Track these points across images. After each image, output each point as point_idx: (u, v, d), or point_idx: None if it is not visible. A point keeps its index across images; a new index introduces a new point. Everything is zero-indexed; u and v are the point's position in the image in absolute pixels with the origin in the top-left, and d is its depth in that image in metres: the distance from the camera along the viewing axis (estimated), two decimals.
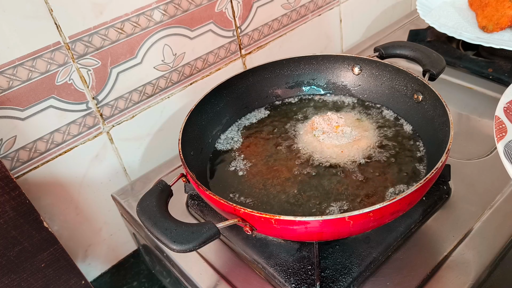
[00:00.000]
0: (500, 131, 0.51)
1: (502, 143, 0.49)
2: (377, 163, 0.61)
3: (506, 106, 0.55)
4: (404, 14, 1.14)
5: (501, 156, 0.48)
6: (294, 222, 0.45)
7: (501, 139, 0.50)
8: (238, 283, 0.54)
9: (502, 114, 0.53)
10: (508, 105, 0.55)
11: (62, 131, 0.64)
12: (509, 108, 0.54)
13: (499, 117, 0.53)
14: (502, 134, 0.51)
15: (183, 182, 0.57)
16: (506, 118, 0.53)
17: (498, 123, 0.52)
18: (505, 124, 0.52)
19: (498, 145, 0.50)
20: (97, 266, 0.77)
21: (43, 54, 0.58)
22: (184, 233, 0.44)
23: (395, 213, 0.48)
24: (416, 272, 0.52)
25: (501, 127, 0.52)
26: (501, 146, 0.49)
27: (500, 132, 0.51)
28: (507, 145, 0.49)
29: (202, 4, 0.73)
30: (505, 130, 0.51)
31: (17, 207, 0.53)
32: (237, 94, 0.73)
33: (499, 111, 0.54)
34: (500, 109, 0.54)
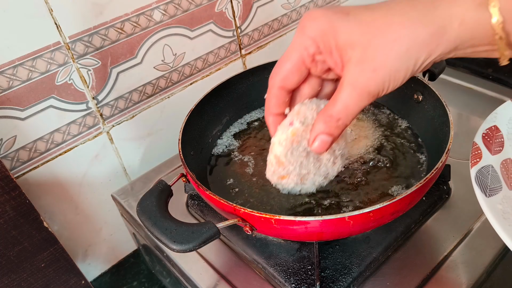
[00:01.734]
0: (475, 157, 0.52)
1: (475, 168, 0.50)
2: (376, 163, 0.61)
3: (485, 132, 0.55)
4: None
5: (472, 181, 0.49)
6: (294, 222, 0.45)
7: (475, 164, 0.50)
8: (238, 283, 0.54)
9: (480, 141, 0.54)
10: (487, 132, 0.55)
11: (62, 131, 0.64)
12: (487, 135, 0.55)
13: (476, 143, 0.53)
14: (476, 160, 0.51)
15: (183, 182, 0.57)
16: (483, 144, 0.53)
17: (474, 149, 0.53)
18: (481, 150, 0.52)
19: (471, 170, 0.50)
20: (97, 266, 0.77)
21: (43, 54, 0.58)
22: (184, 233, 0.44)
23: (395, 213, 0.48)
24: (416, 272, 0.52)
25: (477, 153, 0.52)
26: (474, 171, 0.49)
27: (475, 158, 0.51)
28: (479, 171, 0.50)
29: (202, 4, 0.73)
30: (480, 156, 0.51)
31: (17, 207, 0.53)
32: (237, 94, 0.73)
33: (478, 138, 0.54)
34: (479, 136, 0.54)
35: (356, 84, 0.35)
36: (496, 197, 0.47)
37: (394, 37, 0.33)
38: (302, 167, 0.46)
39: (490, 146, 0.53)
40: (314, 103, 0.43)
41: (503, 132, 0.55)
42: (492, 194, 0.47)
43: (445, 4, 0.32)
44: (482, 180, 0.49)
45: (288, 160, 0.45)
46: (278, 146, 0.45)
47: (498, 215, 0.44)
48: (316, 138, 0.39)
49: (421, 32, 0.33)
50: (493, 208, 0.45)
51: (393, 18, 0.33)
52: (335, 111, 0.37)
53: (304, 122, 0.42)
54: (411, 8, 0.33)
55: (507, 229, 0.43)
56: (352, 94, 0.35)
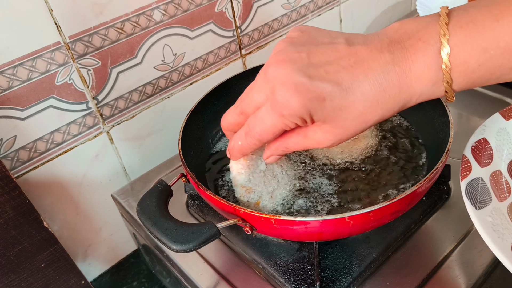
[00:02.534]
0: (465, 170, 0.52)
1: (465, 181, 0.51)
2: (376, 163, 0.61)
3: (474, 145, 0.56)
4: (404, 14, 1.14)
5: (463, 194, 0.49)
6: (294, 222, 0.45)
7: (464, 177, 0.51)
8: (238, 283, 0.54)
9: (469, 154, 0.55)
10: (476, 144, 0.56)
11: (62, 131, 0.64)
12: (476, 148, 0.55)
13: (466, 156, 0.54)
14: (466, 173, 0.52)
15: (183, 182, 0.57)
16: (472, 157, 0.54)
17: (464, 161, 0.53)
18: (470, 164, 0.53)
19: (461, 183, 0.51)
20: (97, 266, 0.77)
21: (43, 54, 0.58)
22: (184, 233, 0.44)
23: (395, 213, 0.48)
24: (416, 272, 0.52)
25: (467, 166, 0.53)
26: (464, 184, 0.50)
27: (465, 171, 0.52)
28: (469, 184, 0.50)
29: (202, 4, 0.73)
30: (470, 169, 0.52)
31: (17, 207, 0.53)
32: (237, 94, 0.72)
33: (467, 151, 0.55)
34: (468, 149, 0.55)
35: (320, 142, 0.42)
36: (485, 210, 0.48)
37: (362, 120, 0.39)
38: (267, 185, 0.52)
39: (479, 158, 0.54)
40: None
41: (492, 144, 0.56)
42: (482, 207, 0.48)
43: (407, 87, 0.38)
44: (472, 193, 0.49)
45: (253, 183, 0.51)
46: (240, 176, 0.51)
47: (488, 228, 0.45)
48: (270, 157, 0.47)
49: (385, 113, 0.39)
50: (483, 220, 0.46)
51: (365, 105, 0.38)
52: (291, 146, 0.44)
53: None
54: (382, 95, 0.38)
55: (497, 241, 0.44)
56: (313, 145, 0.42)
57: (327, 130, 0.40)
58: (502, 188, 0.52)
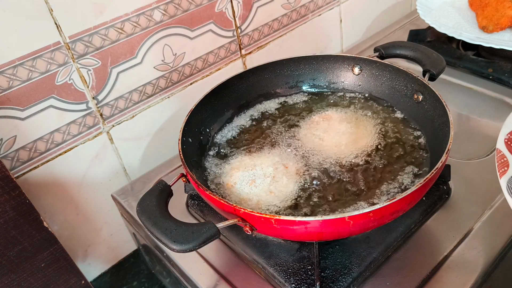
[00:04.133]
0: (502, 165, 0.48)
1: (504, 178, 0.46)
2: (376, 162, 0.61)
3: (507, 137, 0.51)
4: (404, 14, 1.14)
5: (504, 192, 0.45)
6: (294, 222, 0.45)
7: (503, 174, 0.47)
8: (238, 283, 0.54)
9: (503, 147, 0.50)
10: (509, 136, 0.51)
11: (62, 131, 0.64)
12: (510, 140, 0.51)
13: (500, 150, 0.49)
14: (504, 168, 0.48)
15: (183, 182, 0.57)
16: (507, 151, 0.49)
17: (500, 156, 0.49)
18: (506, 158, 0.49)
19: (501, 180, 0.47)
20: (97, 266, 0.77)
21: (43, 54, 0.58)
22: (184, 233, 0.44)
23: (395, 213, 0.48)
24: (416, 272, 0.52)
25: (503, 161, 0.48)
26: (504, 181, 0.46)
27: (503, 167, 0.48)
28: (509, 180, 0.46)
29: (202, 4, 0.73)
30: (507, 164, 0.48)
31: (17, 207, 0.53)
32: (237, 94, 0.73)
33: (500, 144, 0.50)
34: (501, 141, 0.51)
35: None
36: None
37: None
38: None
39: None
40: None
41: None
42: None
43: None
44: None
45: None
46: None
47: None
48: None
49: None
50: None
51: None
52: None
53: None
54: None
55: None
56: None
57: None
58: None
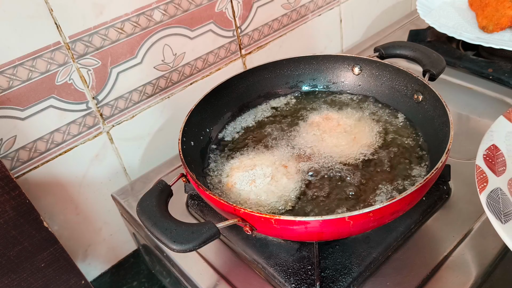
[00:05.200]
0: (481, 181, 0.50)
1: (484, 194, 0.48)
2: (377, 162, 0.61)
3: (485, 153, 0.53)
4: (404, 14, 1.14)
5: (484, 208, 0.47)
6: (294, 222, 0.45)
7: (483, 189, 0.49)
8: (238, 283, 0.54)
9: (482, 163, 0.52)
10: (487, 152, 0.53)
11: (62, 131, 0.64)
12: (488, 156, 0.53)
13: (479, 166, 0.51)
14: (483, 184, 0.49)
15: (183, 182, 0.57)
16: (486, 166, 0.51)
17: (479, 172, 0.51)
18: (485, 174, 0.51)
19: (481, 196, 0.48)
20: (97, 266, 0.77)
21: (43, 54, 0.58)
22: (184, 233, 0.44)
23: (395, 213, 0.48)
24: (416, 272, 0.52)
25: (482, 177, 0.50)
26: (484, 197, 0.48)
27: (482, 183, 0.50)
28: (489, 196, 0.48)
29: (202, 4, 0.73)
30: (486, 180, 0.50)
31: (17, 206, 0.53)
32: (237, 94, 0.73)
33: (479, 160, 0.52)
34: (480, 157, 0.52)
35: None
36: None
37: None
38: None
39: (493, 167, 0.52)
40: None
41: (503, 150, 0.54)
42: (508, 220, 0.46)
43: None
44: (494, 206, 0.47)
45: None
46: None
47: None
48: None
49: None
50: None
51: None
52: None
53: None
54: None
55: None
56: None
57: None
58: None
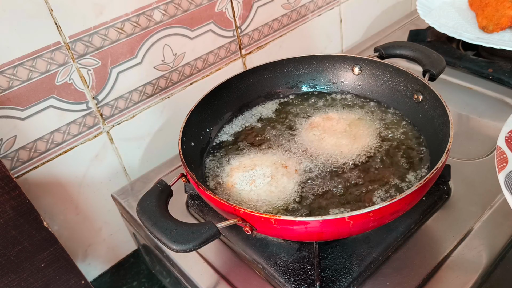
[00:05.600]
0: (501, 162, 0.50)
1: (503, 173, 0.48)
2: (376, 162, 0.61)
3: (508, 135, 0.53)
4: (404, 14, 1.14)
5: (502, 187, 0.47)
6: (294, 222, 0.45)
7: (502, 169, 0.49)
8: (238, 283, 0.54)
9: (503, 144, 0.52)
10: (510, 134, 0.53)
11: (62, 131, 0.64)
12: (510, 137, 0.53)
13: (500, 147, 0.51)
14: (503, 164, 0.49)
15: (183, 182, 0.57)
16: (507, 148, 0.51)
17: (499, 153, 0.51)
18: (506, 155, 0.51)
19: (499, 176, 0.48)
20: (97, 266, 0.77)
21: (43, 54, 0.58)
22: (184, 233, 0.44)
23: (395, 213, 0.48)
24: (416, 272, 0.52)
25: (502, 157, 0.50)
26: (502, 177, 0.48)
27: (501, 163, 0.50)
28: (507, 176, 0.48)
29: (202, 4, 0.73)
30: (506, 161, 0.50)
31: (17, 206, 0.53)
32: (237, 94, 0.73)
33: (501, 141, 0.52)
34: (502, 139, 0.53)
35: None
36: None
37: None
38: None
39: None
40: None
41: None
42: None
43: None
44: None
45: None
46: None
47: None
48: None
49: None
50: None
51: None
52: None
53: None
54: None
55: None
56: None
57: None
58: None
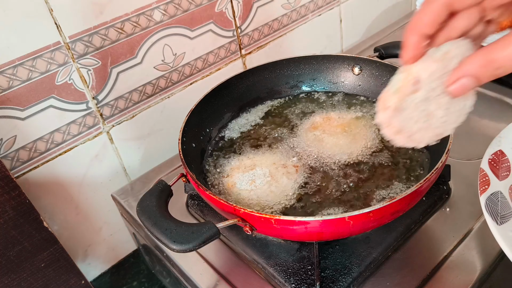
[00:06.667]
0: (483, 184, 0.51)
1: (484, 196, 0.50)
2: (376, 162, 0.61)
3: (491, 158, 0.55)
4: (404, 14, 1.14)
5: (483, 209, 0.49)
6: (294, 222, 0.45)
7: (483, 192, 0.50)
8: (238, 283, 0.54)
9: (486, 166, 0.54)
10: (493, 157, 0.55)
11: (62, 131, 0.64)
12: (493, 160, 0.55)
13: (483, 169, 0.53)
14: (485, 187, 0.51)
15: (183, 182, 0.57)
16: (490, 170, 0.53)
17: (482, 175, 0.53)
18: (488, 177, 0.52)
19: (481, 198, 0.50)
20: (97, 266, 0.77)
21: (43, 54, 0.58)
22: (184, 233, 0.44)
23: (395, 213, 0.48)
24: (416, 272, 0.52)
25: (485, 180, 0.52)
26: (483, 199, 0.49)
27: (484, 185, 0.51)
28: (488, 198, 0.50)
29: (202, 4, 0.73)
30: (488, 183, 0.52)
31: (17, 206, 0.53)
32: (237, 94, 0.73)
33: (484, 164, 0.54)
34: (485, 161, 0.54)
35: None
36: (507, 224, 0.47)
37: None
38: (420, 116, 0.38)
39: (497, 171, 0.53)
40: (466, 47, 0.36)
41: (509, 156, 0.56)
42: (504, 222, 0.47)
43: None
44: (493, 208, 0.49)
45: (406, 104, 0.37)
46: (425, 73, 0.36)
47: (511, 244, 0.45)
48: (460, 79, 0.33)
49: None
50: (506, 236, 0.45)
51: None
52: (500, 57, 0.32)
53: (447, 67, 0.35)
54: None
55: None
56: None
57: None
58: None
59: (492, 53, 0.32)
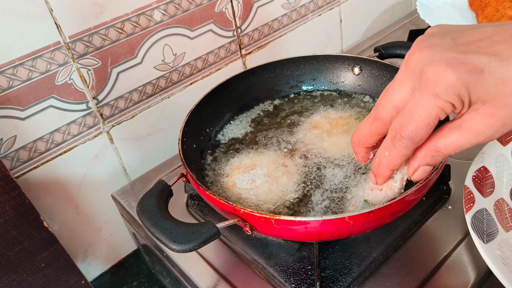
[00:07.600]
0: (468, 202, 0.51)
1: (469, 214, 0.50)
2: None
3: (475, 174, 0.55)
4: (404, 14, 1.14)
5: (469, 228, 0.49)
6: (294, 222, 0.45)
7: (469, 209, 0.50)
8: (238, 283, 0.54)
9: (470, 184, 0.54)
10: (477, 174, 0.55)
11: (62, 131, 0.64)
12: (477, 177, 0.55)
13: (468, 186, 0.53)
14: (470, 204, 0.51)
15: (183, 182, 0.57)
16: (474, 187, 0.53)
17: (467, 193, 0.52)
18: (473, 194, 0.52)
19: (466, 216, 0.50)
20: (97, 266, 0.77)
21: (43, 54, 0.58)
22: (184, 233, 0.44)
23: (395, 213, 0.48)
24: (416, 272, 0.52)
25: (470, 197, 0.52)
26: (469, 217, 0.50)
27: (469, 203, 0.51)
28: (474, 216, 0.50)
29: (202, 4, 0.73)
30: (473, 201, 0.52)
31: (17, 206, 0.53)
32: (237, 94, 0.73)
33: (468, 181, 0.54)
34: (469, 178, 0.54)
35: (479, 133, 0.35)
36: (493, 243, 0.47)
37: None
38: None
39: (481, 188, 0.54)
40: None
41: (492, 172, 0.56)
42: (490, 240, 0.47)
43: None
44: (478, 226, 0.49)
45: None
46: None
47: (498, 262, 0.45)
48: (418, 169, 0.40)
49: None
50: (492, 255, 0.45)
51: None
52: (443, 147, 0.37)
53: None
54: None
55: (508, 275, 0.43)
56: (470, 140, 0.35)
57: (488, 114, 0.34)
58: (506, 217, 0.52)
59: (434, 144, 0.37)
